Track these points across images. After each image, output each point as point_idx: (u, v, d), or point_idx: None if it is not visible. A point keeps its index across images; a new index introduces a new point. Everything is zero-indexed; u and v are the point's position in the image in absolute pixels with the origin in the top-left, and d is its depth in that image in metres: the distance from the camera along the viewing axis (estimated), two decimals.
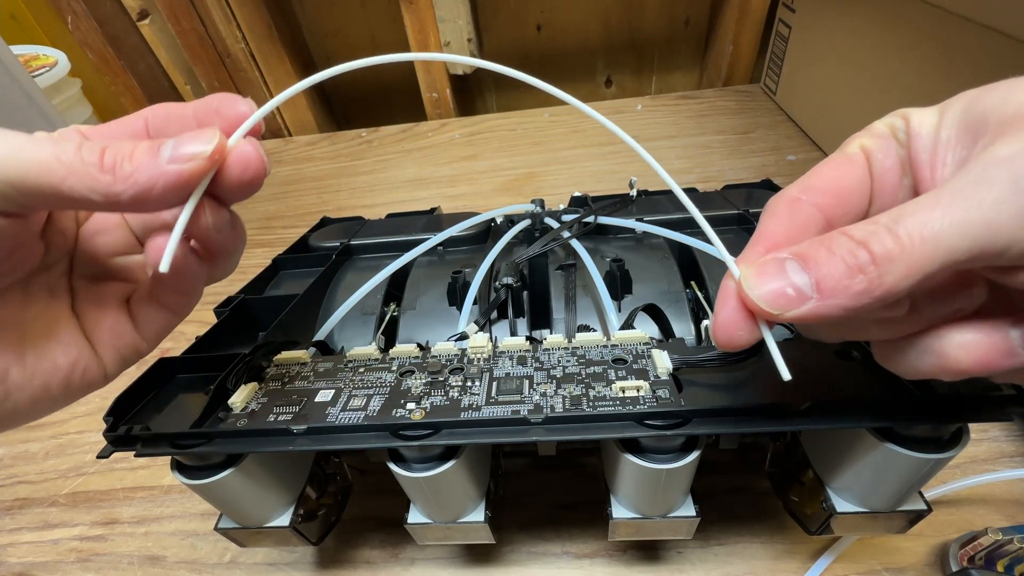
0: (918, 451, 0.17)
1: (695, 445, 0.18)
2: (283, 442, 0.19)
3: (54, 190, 0.13)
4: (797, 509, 0.23)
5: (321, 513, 0.26)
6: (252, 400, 0.21)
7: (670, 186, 0.15)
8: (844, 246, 0.12)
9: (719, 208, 0.33)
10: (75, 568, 0.30)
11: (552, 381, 0.20)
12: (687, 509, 0.21)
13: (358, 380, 0.22)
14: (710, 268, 0.27)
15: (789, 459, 0.23)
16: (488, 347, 0.22)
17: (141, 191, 0.14)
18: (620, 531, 0.22)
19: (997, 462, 0.28)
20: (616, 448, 0.19)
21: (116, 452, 0.20)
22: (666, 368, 0.19)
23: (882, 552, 0.25)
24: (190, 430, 0.19)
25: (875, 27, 0.45)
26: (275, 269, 0.35)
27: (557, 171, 0.61)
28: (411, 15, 0.68)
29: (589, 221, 0.31)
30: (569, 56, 0.79)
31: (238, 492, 0.21)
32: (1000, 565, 0.22)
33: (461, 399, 0.19)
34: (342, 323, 0.28)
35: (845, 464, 0.19)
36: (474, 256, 0.32)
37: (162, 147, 0.14)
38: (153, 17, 0.73)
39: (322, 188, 0.65)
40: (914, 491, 0.19)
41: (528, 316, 0.28)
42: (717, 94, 0.71)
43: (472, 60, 0.16)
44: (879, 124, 0.15)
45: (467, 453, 0.20)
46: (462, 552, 0.28)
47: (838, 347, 0.20)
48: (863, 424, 0.16)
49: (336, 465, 0.27)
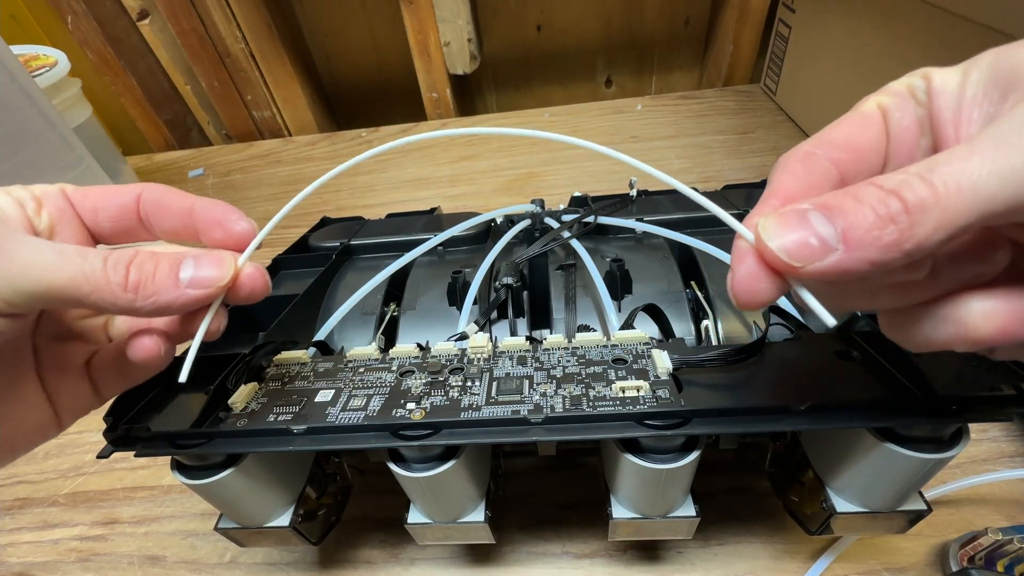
0: (918, 451, 0.17)
1: (695, 445, 0.18)
2: (283, 442, 0.19)
3: (78, 302, 0.14)
4: (797, 509, 0.23)
5: (321, 513, 0.26)
6: (252, 400, 0.21)
7: (673, 185, 0.15)
8: (873, 195, 0.11)
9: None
10: (75, 568, 0.30)
11: (552, 381, 0.20)
12: (687, 509, 0.21)
13: (358, 380, 0.21)
14: (710, 268, 0.27)
15: (789, 459, 0.23)
16: (488, 347, 0.22)
17: (160, 308, 0.15)
18: (620, 531, 0.22)
19: (997, 462, 0.28)
20: (616, 448, 0.19)
21: (116, 452, 0.20)
22: (666, 368, 0.19)
23: (882, 552, 0.25)
24: (190, 430, 0.19)
25: (875, 27, 0.45)
26: (275, 269, 0.35)
27: (557, 171, 0.61)
28: (411, 15, 0.68)
29: (589, 221, 0.31)
30: (569, 56, 0.79)
31: (238, 492, 0.21)
32: (1000, 565, 0.22)
33: (461, 399, 0.19)
34: (342, 323, 0.28)
35: (845, 464, 0.19)
36: (474, 256, 0.32)
37: (182, 268, 0.15)
38: (153, 17, 0.73)
39: (322, 188, 0.64)
40: (914, 491, 0.19)
41: (528, 316, 0.28)
42: (717, 94, 0.71)
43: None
44: (896, 83, 0.14)
45: (467, 453, 0.20)
46: (462, 552, 0.28)
47: (838, 347, 0.20)
48: (863, 424, 0.16)
49: (336, 465, 0.27)
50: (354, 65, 0.82)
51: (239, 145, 0.77)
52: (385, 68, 0.81)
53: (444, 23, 0.69)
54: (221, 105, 0.79)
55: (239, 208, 0.18)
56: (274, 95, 0.78)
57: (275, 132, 0.82)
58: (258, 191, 0.66)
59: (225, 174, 0.71)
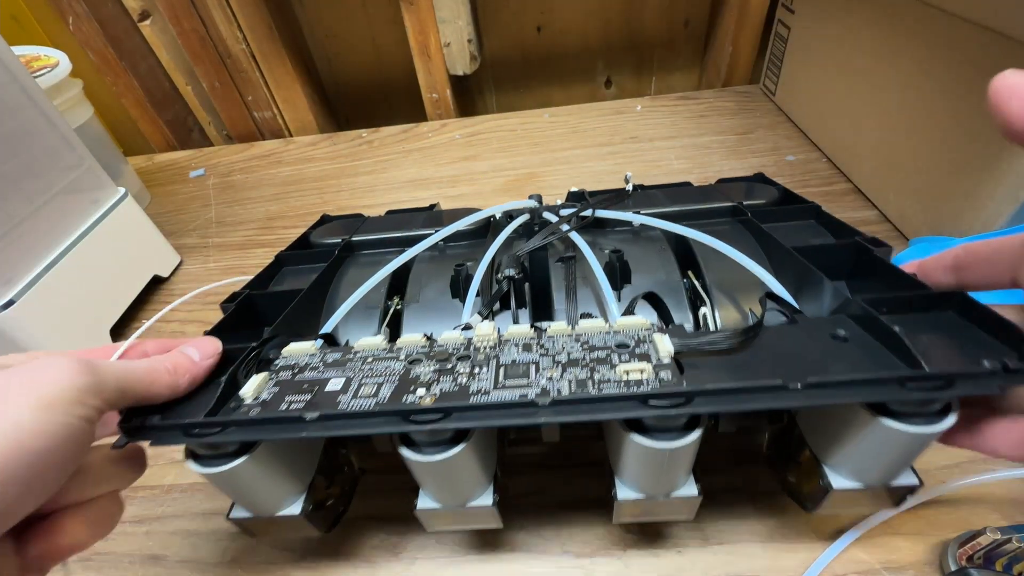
0: (910, 425, 0.18)
1: (697, 424, 0.19)
2: (296, 429, 0.19)
3: (144, 392, 0.20)
4: (795, 489, 0.24)
5: (330, 504, 0.26)
6: (263, 390, 0.22)
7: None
8: None
9: (714, 200, 0.34)
10: (76, 567, 0.30)
11: (558, 366, 0.20)
12: (689, 489, 0.21)
13: (367, 369, 0.22)
14: (706, 258, 0.28)
15: (786, 441, 0.24)
16: (494, 335, 0.23)
17: (190, 383, 0.22)
18: (625, 512, 0.22)
19: (996, 462, 0.28)
20: (621, 429, 0.19)
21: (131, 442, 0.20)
22: (668, 351, 0.20)
23: (881, 551, 0.25)
24: (204, 419, 0.20)
25: (874, 28, 0.46)
26: (278, 265, 0.36)
27: (557, 171, 0.61)
28: (411, 16, 0.69)
29: (587, 215, 0.32)
30: (569, 57, 0.80)
31: (251, 480, 0.21)
32: (999, 564, 0.22)
33: (470, 385, 0.20)
34: (345, 318, 0.28)
35: (840, 441, 0.20)
36: (474, 251, 0.33)
37: (192, 352, 0.22)
38: (154, 18, 0.73)
39: (323, 188, 0.65)
40: (906, 465, 0.20)
41: (530, 308, 0.29)
42: (716, 95, 0.72)
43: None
44: None
45: (475, 437, 0.20)
46: (463, 552, 0.28)
47: (833, 330, 0.21)
48: (857, 399, 0.17)
49: (344, 457, 0.28)
50: (354, 66, 0.83)
51: (240, 145, 0.78)
52: (385, 69, 0.82)
53: (444, 24, 0.69)
54: (222, 105, 0.80)
55: (240, 207, 0.19)
56: (275, 95, 0.79)
57: (276, 132, 0.82)
58: (259, 191, 0.66)
59: (226, 174, 0.71)
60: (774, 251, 0.28)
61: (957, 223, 0.38)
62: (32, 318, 0.38)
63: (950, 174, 0.38)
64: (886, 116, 0.45)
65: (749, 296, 0.26)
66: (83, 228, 0.44)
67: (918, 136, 0.41)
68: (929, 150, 0.40)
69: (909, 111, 0.42)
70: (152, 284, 0.51)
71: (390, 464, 0.31)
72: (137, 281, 0.49)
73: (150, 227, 0.51)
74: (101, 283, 0.45)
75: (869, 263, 0.26)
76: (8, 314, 0.37)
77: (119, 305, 0.46)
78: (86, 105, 0.60)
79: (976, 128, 0.35)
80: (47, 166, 0.41)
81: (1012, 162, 0.33)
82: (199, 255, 0.56)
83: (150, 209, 0.64)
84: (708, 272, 0.27)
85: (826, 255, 0.27)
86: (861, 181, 0.50)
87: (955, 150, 0.37)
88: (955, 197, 0.38)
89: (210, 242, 0.58)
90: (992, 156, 0.34)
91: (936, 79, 0.39)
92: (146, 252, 0.51)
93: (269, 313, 0.31)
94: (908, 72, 0.41)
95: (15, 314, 0.37)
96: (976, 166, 0.36)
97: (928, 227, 0.40)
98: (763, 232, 0.29)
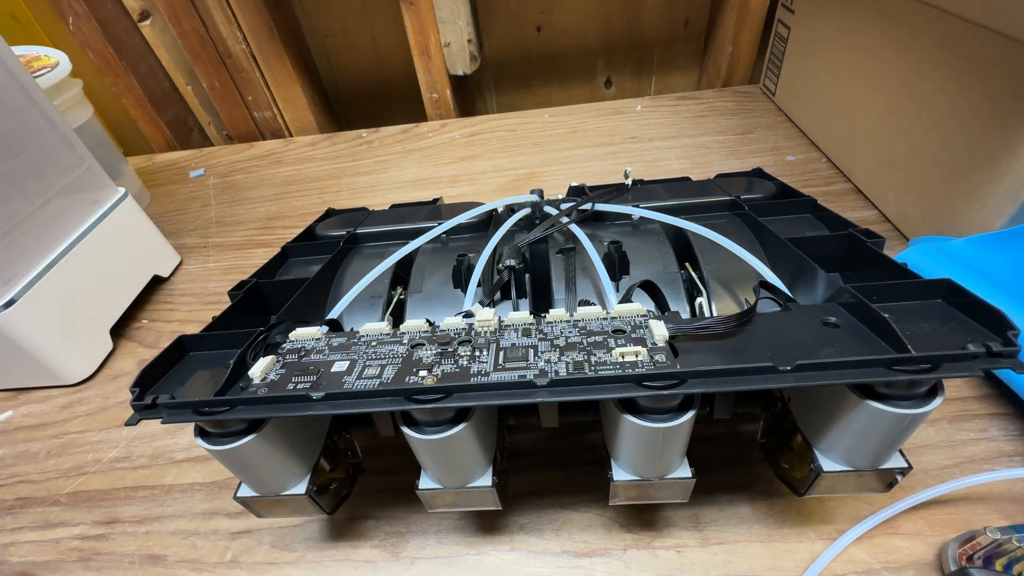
0: (897, 407, 0.18)
1: (691, 405, 0.20)
2: (303, 407, 0.20)
3: None
4: (787, 474, 0.24)
5: (333, 487, 0.27)
6: (271, 371, 0.22)
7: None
8: None
9: (712, 195, 0.35)
10: (76, 567, 0.30)
11: (556, 350, 0.21)
12: (683, 471, 0.22)
13: (371, 352, 0.23)
14: (704, 251, 0.29)
15: (780, 427, 0.25)
16: (494, 321, 0.23)
17: None
18: (621, 493, 0.23)
19: (995, 461, 0.28)
20: (616, 410, 0.20)
21: (143, 420, 0.21)
22: (663, 336, 0.21)
23: (880, 551, 0.25)
24: (214, 398, 0.20)
25: (874, 28, 0.46)
26: (284, 257, 0.37)
27: (557, 171, 0.62)
28: (411, 16, 0.70)
29: (586, 208, 0.33)
30: (569, 57, 0.80)
31: (259, 458, 0.22)
32: (998, 564, 0.22)
33: (470, 366, 0.21)
34: (350, 306, 0.29)
35: (830, 425, 0.21)
36: (476, 243, 0.33)
37: None
38: (154, 18, 0.74)
39: (323, 188, 0.65)
40: (895, 448, 0.21)
41: (530, 298, 0.30)
42: (716, 95, 0.72)
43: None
44: None
45: (476, 417, 0.21)
46: (462, 552, 0.28)
47: (823, 317, 0.21)
48: (845, 380, 0.18)
49: (347, 441, 0.28)
50: (354, 66, 0.83)
51: (240, 145, 0.78)
52: (385, 69, 0.83)
53: (444, 24, 0.70)
54: (222, 105, 0.80)
55: (240, 207, 0.19)
56: (275, 96, 0.79)
57: (276, 132, 0.83)
58: (259, 191, 0.66)
59: (226, 174, 0.71)
60: (770, 243, 0.29)
61: (957, 223, 0.38)
62: (32, 318, 0.39)
63: (950, 174, 0.38)
64: (886, 116, 0.45)
65: (745, 287, 0.27)
66: (83, 228, 0.44)
67: (918, 136, 0.41)
68: (929, 150, 0.40)
69: (909, 111, 0.42)
70: (152, 284, 0.51)
71: (390, 464, 0.32)
72: (137, 281, 0.49)
73: (150, 227, 0.52)
74: (101, 283, 0.45)
75: (862, 254, 0.27)
76: (8, 314, 0.37)
77: (119, 305, 0.47)
78: (86, 105, 0.60)
79: (976, 128, 0.35)
80: (47, 166, 0.41)
81: (1012, 162, 0.33)
82: (199, 255, 0.57)
83: (150, 209, 0.65)
84: (705, 264, 0.28)
85: (820, 246, 0.27)
86: (861, 181, 0.50)
87: (955, 150, 0.38)
88: (955, 197, 0.38)
89: (210, 242, 0.58)
90: (992, 156, 0.34)
91: (936, 79, 0.39)
92: (146, 252, 0.51)
93: (276, 301, 0.31)
94: (908, 72, 0.41)
95: (15, 314, 0.37)
96: (976, 166, 0.36)
97: (928, 227, 0.41)
98: (760, 225, 0.30)
